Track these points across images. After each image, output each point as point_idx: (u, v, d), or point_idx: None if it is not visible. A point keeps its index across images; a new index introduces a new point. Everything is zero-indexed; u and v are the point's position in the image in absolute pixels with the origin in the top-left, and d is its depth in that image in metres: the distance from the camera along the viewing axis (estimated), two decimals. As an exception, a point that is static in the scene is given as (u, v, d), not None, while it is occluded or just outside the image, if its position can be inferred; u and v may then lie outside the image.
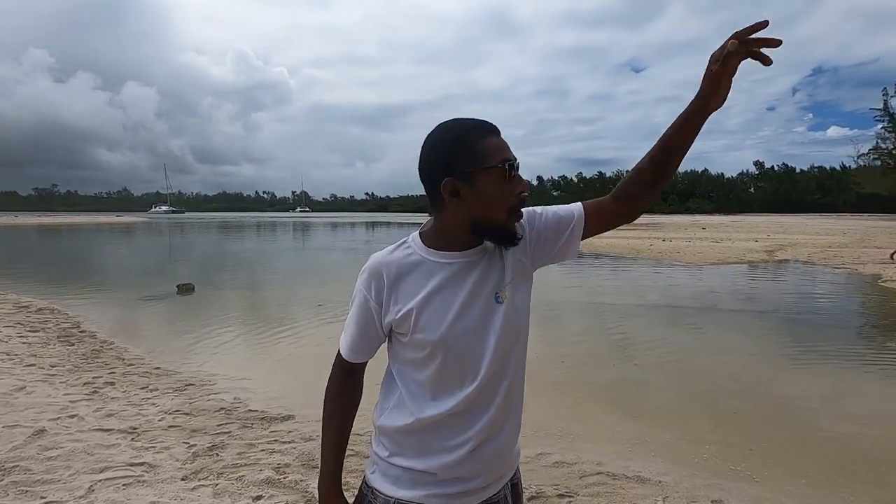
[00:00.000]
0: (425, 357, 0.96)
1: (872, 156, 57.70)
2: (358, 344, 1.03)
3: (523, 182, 0.95)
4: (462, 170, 0.92)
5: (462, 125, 0.94)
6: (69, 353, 5.23)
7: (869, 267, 12.55)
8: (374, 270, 0.98)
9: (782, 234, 25.71)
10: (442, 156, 0.93)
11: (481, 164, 0.91)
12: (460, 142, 0.92)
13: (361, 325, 1.01)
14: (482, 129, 0.93)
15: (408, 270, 0.97)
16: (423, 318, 0.94)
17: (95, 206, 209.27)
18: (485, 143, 0.92)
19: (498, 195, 0.92)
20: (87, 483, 2.61)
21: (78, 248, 22.64)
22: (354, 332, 1.03)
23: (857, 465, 3.03)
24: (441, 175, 0.93)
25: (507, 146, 0.94)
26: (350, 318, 1.03)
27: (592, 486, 2.72)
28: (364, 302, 0.99)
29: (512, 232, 0.96)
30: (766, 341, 6.06)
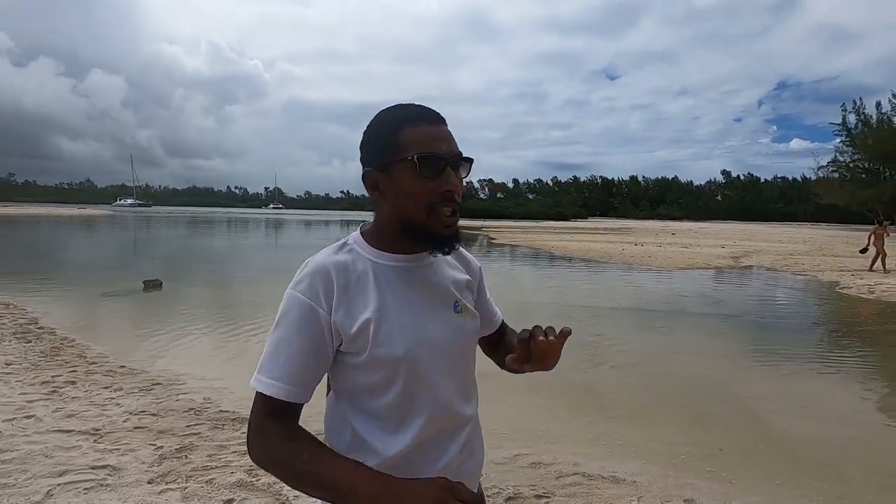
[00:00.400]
0: (386, 378, 0.81)
1: (831, 168, 60.42)
2: (304, 374, 0.79)
3: (452, 180, 0.82)
4: (380, 160, 0.83)
5: (392, 112, 0.85)
6: (26, 351, 4.97)
7: (827, 274, 13.13)
8: (322, 272, 0.82)
9: (747, 241, 26.66)
10: (366, 144, 0.86)
11: (397, 154, 0.81)
12: (383, 129, 0.84)
13: (306, 346, 0.79)
14: (411, 116, 0.83)
15: (356, 274, 0.84)
16: (384, 329, 0.80)
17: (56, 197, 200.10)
18: (408, 131, 0.82)
19: (414, 190, 0.81)
20: (45, 487, 2.48)
21: (36, 241, 21.62)
22: (296, 358, 0.79)
23: (820, 465, 3.14)
24: (364, 165, 0.86)
25: (441, 137, 0.83)
26: (282, 342, 0.79)
27: (569, 487, 2.74)
28: (309, 315, 0.79)
29: (438, 234, 0.83)
30: (734, 344, 6.25)
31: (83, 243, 21.27)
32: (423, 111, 0.84)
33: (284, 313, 0.81)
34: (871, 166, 55.46)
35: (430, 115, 0.84)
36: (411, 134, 0.81)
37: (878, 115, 54.67)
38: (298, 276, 0.84)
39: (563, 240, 26.07)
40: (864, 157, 55.00)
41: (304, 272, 0.83)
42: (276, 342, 0.80)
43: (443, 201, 0.82)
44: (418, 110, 0.84)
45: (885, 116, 53.77)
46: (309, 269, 0.83)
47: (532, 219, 78.11)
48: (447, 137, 0.84)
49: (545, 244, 22.93)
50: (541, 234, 33.03)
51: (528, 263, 16.19)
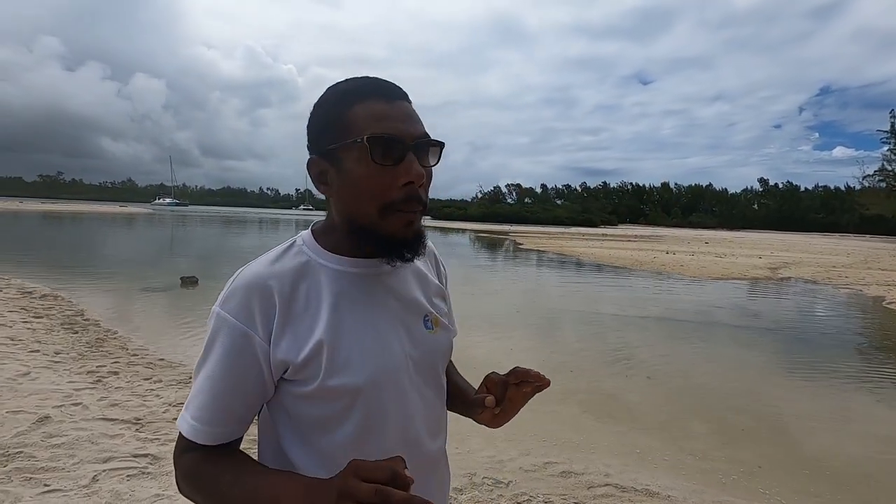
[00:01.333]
0: (341, 411, 0.66)
1: (878, 177, 57.74)
2: (227, 412, 0.65)
3: (414, 168, 0.65)
4: (325, 145, 0.67)
5: (341, 86, 0.68)
6: (73, 341, 5.21)
7: (873, 288, 12.52)
8: (256, 287, 0.66)
9: (786, 252, 25.68)
10: (310, 126, 0.70)
11: (344, 137, 0.65)
12: (327, 109, 0.68)
13: (236, 383, 0.65)
14: (363, 92, 0.66)
15: (304, 285, 0.68)
16: (340, 353, 0.66)
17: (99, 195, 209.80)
18: (359, 109, 0.65)
19: (364, 182, 0.65)
20: (91, 472, 2.59)
21: (82, 237, 22.66)
22: (219, 394, 0.65)
23: (864, 487, 3.00)
24: (309, 152, 0.70)
25: (399, 116, 0.66)
26: (209, 378, 0.65)
27: (601, 498, 2.69)
28: (240, 344, 0.64)
29: (395, 237, 0.67)
30: (773, 358, 6.02)
31: (124, 240, 22.18)
32: (379, 84, 0.68)
33: (211, 340, 0.66)
34: (922, 176, 52.67)
35: (386, 89, 0.67)
36: (363, 111, 0.65)
37: (930, 121, 51.98)
38: (228, 289, 0.67)
39: (591, 246, 25.68)
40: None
41: (234, 285, 0.67)
42: (204, 377, 0.66)
43: (403, 199, 0.65)
44: (372, 83, 0.68)
45: (939, 123, 51.05)
46: (242, 283, 0.66)
47: (560, 224, 77.30)
48: (409, 116, 0.67)
49: (573, 250, 22.63)
50: (569, 240, 32.62)
51: (556, 270, 16.01)
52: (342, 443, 0.67)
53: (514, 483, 2.79)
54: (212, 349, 0.66)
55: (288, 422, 0.69)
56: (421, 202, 0.67)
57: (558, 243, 27.90)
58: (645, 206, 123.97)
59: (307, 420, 0.68)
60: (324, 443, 0.68)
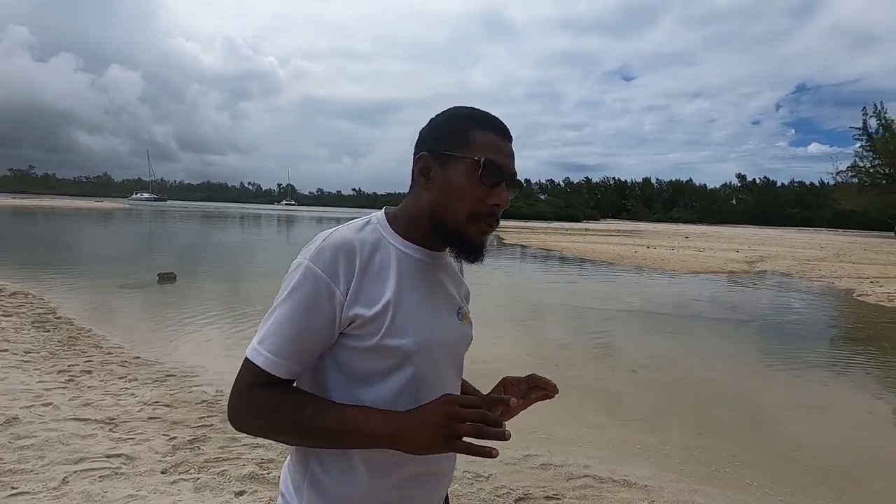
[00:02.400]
0: (390, 368, 0.77)
1: (850, 173, 59.24)
2: (305, 354, 0.76)
3: (503, 196, 0.79)
4: (441, 149, 0.80)
5: (470, 111, 0.82)
6: (44, 340, 5.07)
7: (844, 281, 12.89)
8: (345, 247, 0.76)
9: (762, 246, 26.27)
10: (432, 130, 0.82)
11: (462, 150, 0.78)
12: (455, 122, 0.81)
13: (315, 326, 0.74)
14: (487, 122, 0.81)
15: (377, 255, 0.79)
16: (400, 316, 0.77)
17: (74, 189, 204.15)
18: (480, 134, 0.79)
19: (464, 191, 0.78)
20: (61, 474, 2.52)
21: (55, 233, 22.03)
22: (303, 337, 0.74)
23: (836, 473, 3.09)
24: (421, 148, 0.82)
25: (507, 153, 0.81)
26: (291, 318, 0.74)
27: (579, 489, 2.72)
28: (321, 290, 0.74)
29: (470, 241, 0.80)
30: (749, 350, 6.16)
31: (100, 236, 21.63)
32: (499, 122, 0.83)
33: (297, 286, 0.74)
34: (893, 171, 54.30)
35: (503, 128, 0.83)
36: (483, 137, 0.79)
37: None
38: (318, 246, 0.76)
39: (574, 241, 25.92)
40: (885, 162, 53.84)
41: (325, 243, 0.76)
42: (284, 317, 0.74)
43: (488, 213, 0.79)
44: (495, 119, 0.83)
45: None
46: (332, 242, 0.76)
47: (543, 219, 77.80)
48: (511, 155, 0.82)
49: (556, 245, 22.81)
50: (552, 234, 32.87)
51: (539, 264, 16.12)
52: (384, 398, 0.77)
53: (494, 476, 2.80)
54: (296, 295, 0.74)
55: (337, 372, 0.79)
56: (497, 220, 0.82)
57: (542, 238, 28.09)
58: (627, 202, 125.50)
59: (358, 372, 0.78)
60: (368, 395, 0.77)
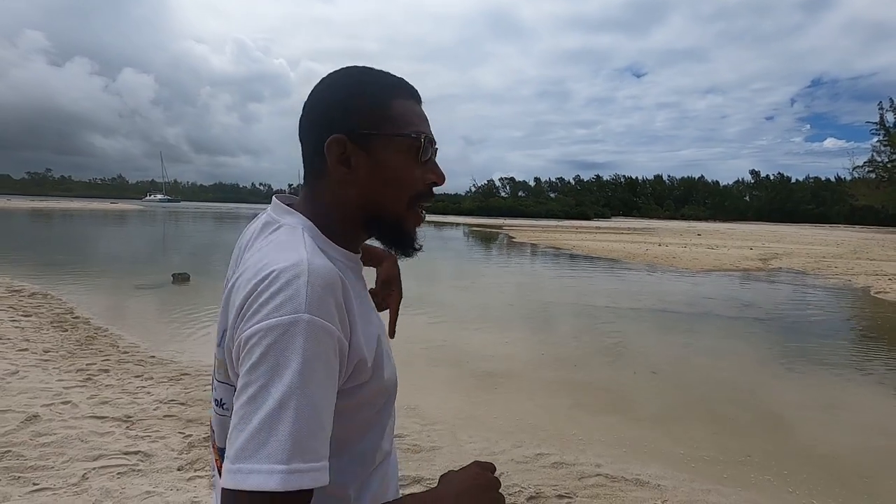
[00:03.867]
0: (382, 404, 0.66)
1: (867, 168, 58.33)
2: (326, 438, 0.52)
3: (438, 170, 0.68)
4: (361, 129, 0.63)
5: (379, 77, 0.67)
6: (63, 339, 5.17)
7: (861, 278, 12.66)
8: (333, 282, 0.56)
9: (777, 243, 25.89)
10: (340, 105, 0.64)
11: (390, 127, 0.64)
12: (367, 93, 0.64)
13: (332, 398, 0.54)
14: (401, 87, 0.67)
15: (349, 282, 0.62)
16: (383, 343, 0.66)
17: (89, 191, 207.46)
18: (401, 104, 0.65)
19: (402, 175, 0.65)
20: (80, 471, 2.58)
21: (71, 234, 22.43)
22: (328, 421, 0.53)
23: (850, 475, 3.04)
24: (326, 131, 0.64)
25: (426, 119, 0.69)
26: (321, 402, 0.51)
27: (591, 488, 2.72)
28: (337, 346, 0.55)
29: (408, 231, 0.68)
30: (763, 348, 6.09)
31: (115, 237, 21.98)
32: (411, 86, 0.69)
33: (314, 356, 0.51)
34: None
35: (416, 92, 0.69)
36: (404, 108, 0.66)
37: (918, 113, 52.47)
38: (303, 292, 0.53)
39: (584, 239, 25.76)
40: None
41: (306, 284, 0.53)
42: (304, 408, 0.50)
43: (426, 194, 0.68)
44: (406, 84, 0.68)
45: (927, 115, 51.54)
46: (318, 278, 0.54)
47: (553, 218, 77.45)
48: (428, 120, 0.70)
49: (566, 243, 22.69)
50: (562, 233, 32.71)
51: (549, 263, 16.06)
52: (375, 437, 0.66)
53: (506, 475, 2.81)
54: (314, 367, 0.51)
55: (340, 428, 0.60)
56: (432, 200, 0.70)
57: (552, 237, 27.97)
58: (638, 199, 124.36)
59: (351, 427, 0.62)
60: (362, 444, 0.64)
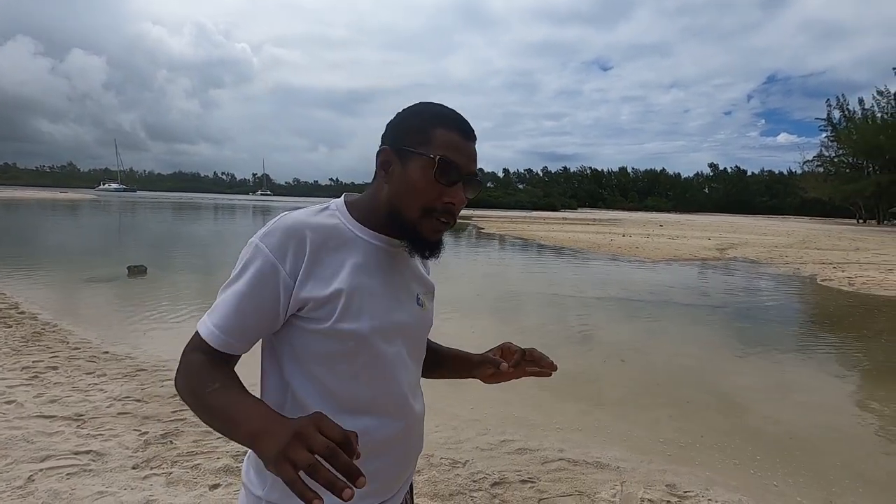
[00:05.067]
0: (346, 351, 0.78)
1: (816, 163, 61.40)
2: (242, 328, 0.76)
3: (459, 195, 0.80)
4: (401, 144, 0.81)
5: (434, 109, 0.83)
6: (6, 336, 4.88)
7: (809, 267, 13.37)
8: (294, 231, 0.77)
9: (733, 234, 27.00)
10: (396, 125, 0.84)
11: (421, 147, 0.79)
12: (418, 119, 0.82)
13: (259, 305, 0.75)
14: (450, 121, 0.82)
15: (332, 240, 0.79)
16: (354, 304, 0.77)
17: (37, 180, 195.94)
18: (441, 132, 0.80)
19: (419, 187, 0.79)
20: (26, 472, 2.45)
21: (17, 225, 21.14)
22: (241, 309, 0.75)
23: (798, 450, 3.22)
24: (384, 142, 0.83)
25: (467, 153, 0.81)
26: (237, 294, 0.76)
27: (554, 472, 2.78)
28: (269, 271, 0.75)
29: (424, 236, 0.81)
30: (718, 334, 6.35)
31: (66, 228, 20.86)
32: (462, 121, 0.83)
33: (246, 265, 0.77)
34: (855, 161, 56.36)
35: (466, 128, 0.83)
36: (443, 135, 0.80)
37: (861, 111, 55.50)
38: (271, 226, 0.78)
39: (551, 230, 26.17)
40: (848, 152, 55.85)
41: (277, 224, 0.78)
42: (232, 293, 0.76)
43: (441, 210, 0.80)
44: (458, 118, 0.83)
45: (869, 113, 54.57)
46: (284, 224, 0.77)
47: (522, 209, 78.30)
48: (472, 155, 0.83)
49: (534, 234, 23.00)
50: (530, 224, 33.12)
51: (517, 253, 16.25)
52: (340, 379, 0.79)
53: (471, 462, 2.84)
54: (245, 272, 0.76)
55: (292, 354, 0.79)
56: (453, 218, 0.83)
57: (520, 227, 28.28)
58: (604, 191, 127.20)
59: (313, 353, 0.78)
60: (324, 375, 0.78)
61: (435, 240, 0.83)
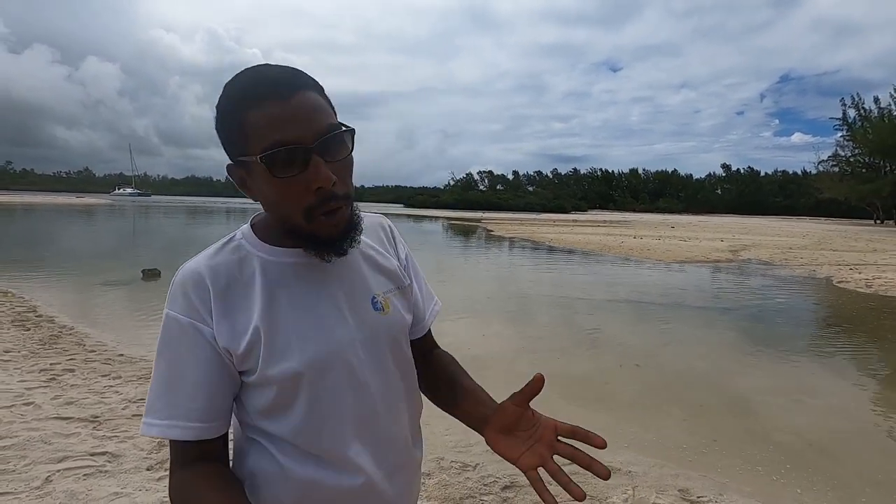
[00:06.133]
0: (285, 397, 0.67)
1: (831, 162, 60.40)
2: (213, 404, 0.66)
3: (320, 173, 0.62)
4: (234, 154, 0.67)
5: (235, 86, 0.64)
6: (24, 339, 4.98)
7: (825, 269, 13.15)
8: (193, 279, 0.66)
9: (746, 235, 26.66)
10: (218, 133, 0.68)
11: (247, 150, 0.63)
12: (228, 115, 0.65)
13: (205, 371, 0.65)
14: (255, 93, 0.62)
15: (240, 276, 0.68)
16: (278, 339, 0.66)
17: (54, 185, 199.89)
18: (253, 116, 0.61)
19: (275, 197, 0.64)
20: (44, 473, 2.49)
21: (34, 230, 21.56)
22: (199, 388, 0.65)
23: (813, 455, 3.17)
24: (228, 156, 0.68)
25: (294, 117, 0.61)
26: (175, 375, 0.66)
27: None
28: (189, 331, 0.65)
29: (324, 237, 0.67)
30: (731, 337, 6.27)
31: (82, 232, 21.22)
32: (273, 80, 0.62)
33: (166, 341, 0.67)
34: (871, 161, 55.38)
35: (281, 85, 0.62)
36: (256, 119, 0.61)
37: (877, 110, 54.57)
38: (170, 290, 0.68)
39: (561, 232, 26.05)
40: (864, 151, 54.89)
41: (173, 284, 0.68)
42: (167, 377, 0.66)
43: (320, 202, 0.63)
44: (266, 81, 0.62)
45: (885, 111, 53.62)
46: (178, 280, 0.67)
47: (531, 211, 78.07)
48: (308, 112, 0.62)
49: (544, 236, 22.91)
50: (539, 226, 33.00)
51: (527, 256, 16.20)
52: (292, 428, 0.68)
53: (481, 465, 2.84)
54: (169, 350, 0.67)
55: (247, 417, 0.71)
56: (340, 198, 0.65)
57: (529, 230, 28.19)
58: (614, 192, 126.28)
59: (253, 409, 0.69)
60: (273, 429, 0.69)
61: (337, 233, 0.67)
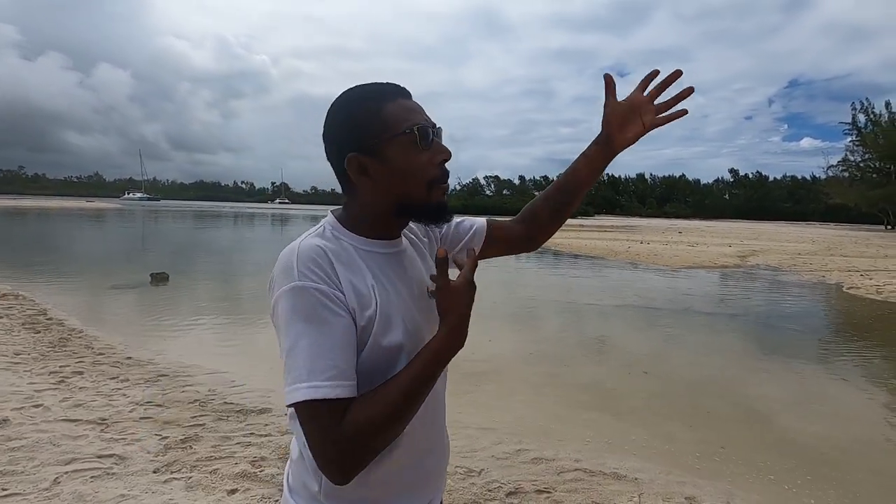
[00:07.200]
0: (387, 365, 0.76)
1: (841, 167, 59.82)
2: (352, 365, 0.72)
3: (444, 149, 0.80)
4: (366, 143, 0.77)
5: (365, 92, 0.79)
6: (34, 341, 5.04)
7: (835, 275, 13.01)
8: (315, 252, 0.74)
9: (755, 241, 26.44)
10: (342, 128, 0.79)
11: (387, 132, 0.77)
12: (361, 110, 0.78)
13: (344, 334, 0.71)
14: (384, 92, 0.79)
15: (342, 257, 0.77)
16: (385, 313, 0.76)
17: (65, 189, 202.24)
18: (390, 108, 0.78)
19: (412, 167, 0.77)
20: (52, 475, 2.52)
21: (46, 234, 21.83)
22: (342, 349, 0.71)
23: (821, 463, 3.13)
24: (345, 151, 0.78)
25: (418, 109, 0.80)
26: (319, 338, 0.69)
27: (570, 483, 2.75)
28: (331, 297, 0.71)
29: (437, 205, 0.81)
30: (739, 344, 6.22)
31: (92, 236, 21.46)
32: (396, 87, 0.81)
33: (309, 309, 0.70)
34: (882, 166, 54.81)
35: (403, 90, 0.81)
36: (394, 109, 0.78)
37: (888, 114, 54.03)
38: (293, 266, 0.72)
39: (568, 237, 25.97)
40: (875, 156, 54.35)
41: (296, 260, 0.73)
42: (320, 342, 0.69)
43: (442, 174, 0.80)
44: (391, 87, 0.81)
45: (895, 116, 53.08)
46: (303, 255, 0.74)
47: (538, 216, 77.53)
48: (422, 109, 0.82)
49: (551, 241, 22.80)
50: (546, 231, 32.83)
51: (533, 261, 16.16)
52: None
53: (486, 471, 2.83)
54: (306, 317, 0.70)
55: None
56: (448, 176, 0.82)
57: (536, 234, 28.05)
58: (621, 197, 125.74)
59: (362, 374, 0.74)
60: None
61: (446, 202, 0.83)
